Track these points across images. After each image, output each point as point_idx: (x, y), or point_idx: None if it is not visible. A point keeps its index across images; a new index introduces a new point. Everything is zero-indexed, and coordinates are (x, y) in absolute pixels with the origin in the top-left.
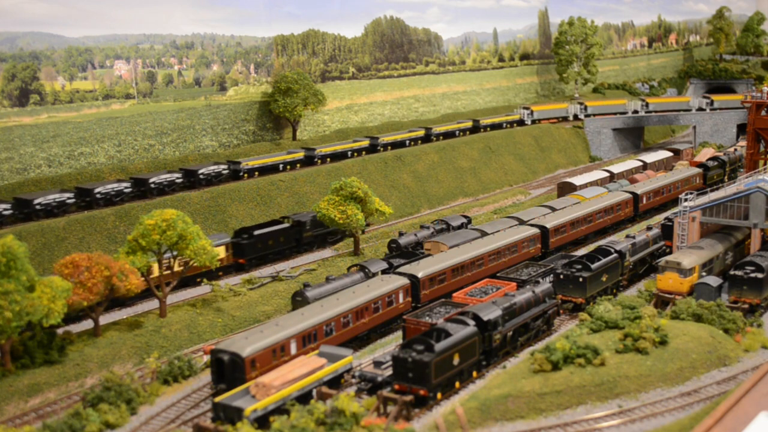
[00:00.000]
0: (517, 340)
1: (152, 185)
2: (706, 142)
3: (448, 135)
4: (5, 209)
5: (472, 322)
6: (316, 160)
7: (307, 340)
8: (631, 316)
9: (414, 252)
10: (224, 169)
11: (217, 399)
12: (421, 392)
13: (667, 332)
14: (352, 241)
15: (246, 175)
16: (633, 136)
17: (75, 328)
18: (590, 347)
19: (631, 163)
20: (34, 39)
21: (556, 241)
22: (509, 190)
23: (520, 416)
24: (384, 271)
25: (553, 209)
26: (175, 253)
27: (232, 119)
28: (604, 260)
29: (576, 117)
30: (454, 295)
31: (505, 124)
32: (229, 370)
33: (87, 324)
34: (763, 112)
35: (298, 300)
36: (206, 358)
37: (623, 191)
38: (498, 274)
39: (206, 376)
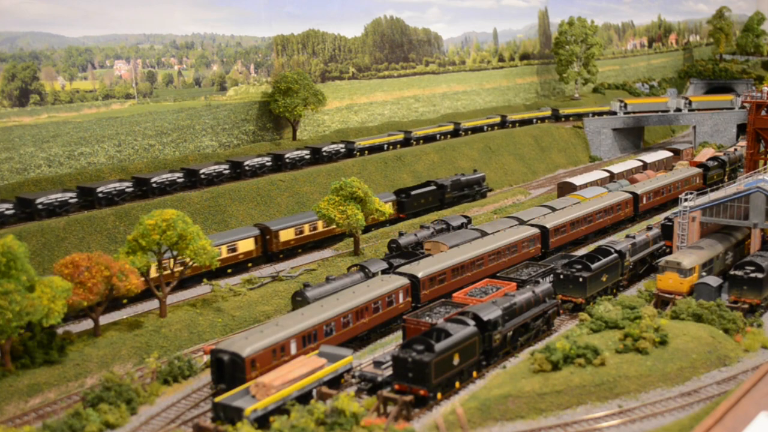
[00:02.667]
0: (517, 340)
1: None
2: (706, 142)
3: (525, 122)
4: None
5: (472, 322)
6: (412, 141)
7: (307, 340)
8: (631, 316)
9: (414, 252)
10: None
11: (217, 399)
12: (421, 392)
13: (667, 332)
14: (352, 241)
15: (358, 153)
16: (633, 136)
17: (75, 328)
18: (590, 347)
19: (631, 163)
20: (34, 39)
21: (556, 241)
22: (509, 190)
23: (520, 416)
24: (384, 271)
25: (553, 209)
26: (175, 252)
27: (232, 119)
28: (604, 260)
29: (678, 110)
30: (454, 295)
31: (591, 114)
32: (229, 370)
33: (87, 324)
34: (763, 112)
35: (298, 300)
36: (206, 358)
37: (623, 191)
38: (498, 274)
39: (206, 376)
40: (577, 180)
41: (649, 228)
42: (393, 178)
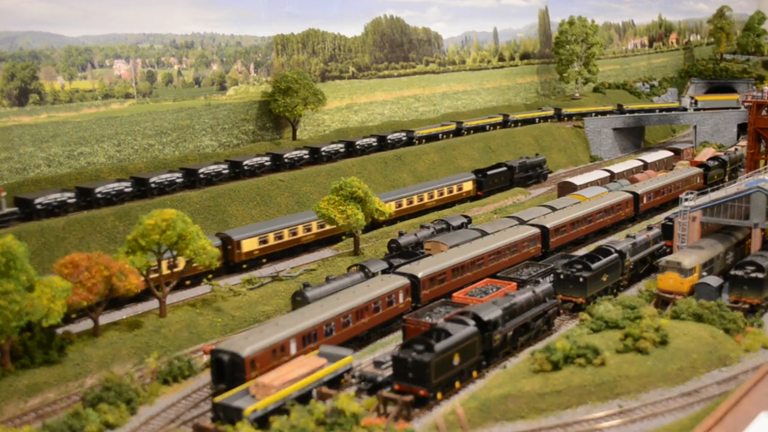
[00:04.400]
0: (518, 340)
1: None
2: (706, 141)
3: (582, 116)
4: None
5: (472, 322)
6: (463, 132)
7: (307, 340)
8: (631, 316)
9: (414, 252)
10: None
11: (217, 399)
12: (421, 392)
13: (668, 332)
14: (352, 241)
15: (417, 141)
16: (633, 136)
17: (75, 328)
18: (590, 347)
19: (632, 163)
20: (33, 38)
21: (556, 241)
22: (509, 190)
23: (520, 416)
24: (384, 271)
25: (553, 209)
26: (174, 252)
27: (231, 119)
28: (604, 260)
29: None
30: (454, 295)
31: (658, 110)
32: (229, 370)
33: (87, 324)
34: (764, 112)
35: (298, 300)
36: (206, 358)
37: (623, 191)
38: (498, 274)
39: (206, 376)
40: (577, 180)
41: (649, 228)
42: (393, 178)
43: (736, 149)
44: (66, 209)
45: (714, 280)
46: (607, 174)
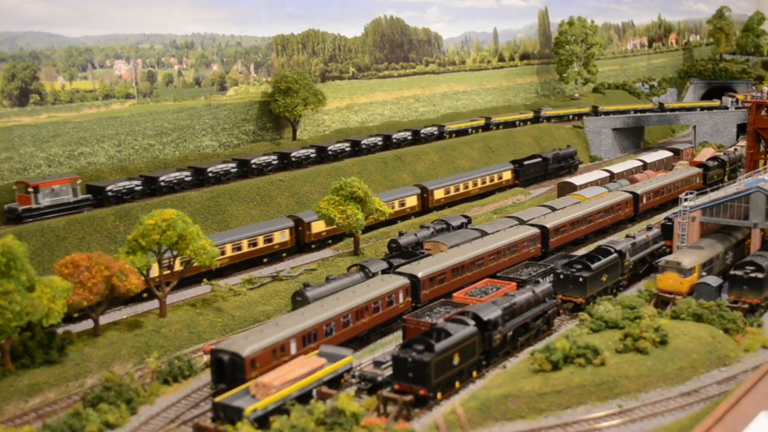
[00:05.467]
0: (517, 340)
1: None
2: (706, 142)
3: (621, 113)
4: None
5: (472, 322)
6: (491, 127)
7: (307, 340)
8: (631, 316)
9: (414, 252)
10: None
11: (217, 399)
12: (421, 392)
13: (667, 332)
14: (352, 241)
15: (447, 135)
16: (633, 136)
17: (75, 328)
18: (590, 347)
19: (631, 163)
20: (34, 39)
21: (556, 241)
22: (509, 190)
23: (520, 416)
24: (384, 271)
25: (553, 209)
26: (175, 252)
27: (232, 119)
28: (604, 260)
29: None
30: (454, 295)
31: (699, 109)
32: (229, 370)
33: (87, 324)
34: (763, 112)
35: (298, 300)
36: (206, 358)
37: (623, 191)
38: (498, 274)
39: (206, 376)
40: (577, 180)
41: (649, 228)
42: (393, 178)
43: (735, 149)
44: (134, 196)
45: (713, 280)
46: (607, 174)
